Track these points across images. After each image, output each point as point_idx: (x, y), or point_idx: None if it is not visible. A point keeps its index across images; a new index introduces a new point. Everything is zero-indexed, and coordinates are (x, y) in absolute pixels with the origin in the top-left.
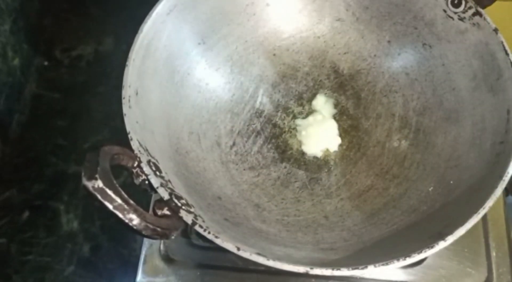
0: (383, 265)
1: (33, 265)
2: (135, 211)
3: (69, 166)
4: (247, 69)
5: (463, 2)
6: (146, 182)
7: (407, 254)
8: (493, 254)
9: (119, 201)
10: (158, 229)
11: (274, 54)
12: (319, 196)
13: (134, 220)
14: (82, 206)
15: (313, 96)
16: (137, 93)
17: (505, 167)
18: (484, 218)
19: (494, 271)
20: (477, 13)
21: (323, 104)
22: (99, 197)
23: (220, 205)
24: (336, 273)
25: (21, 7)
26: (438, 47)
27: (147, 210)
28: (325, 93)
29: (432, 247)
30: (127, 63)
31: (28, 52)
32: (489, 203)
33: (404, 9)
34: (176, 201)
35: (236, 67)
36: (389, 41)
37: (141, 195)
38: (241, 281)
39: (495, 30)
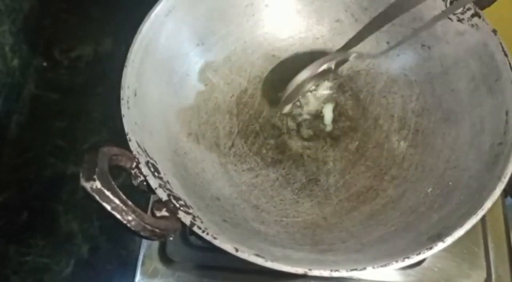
0: (381, 266)
1: (31, 266)
2: (134, 212)
3: (68, 166)
4: (246, 70)
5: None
6: (145, 183)
7: (406, 255)
8: (492, 255)
9: (117, 202)
10: (157, 230)
11: (273, 55)
12: (317, 197)
13: (132, 221)
14: (81, 207)
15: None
16: (135, 94)
17: (504, 168)
18: (483, 219)
19: (493, 272)
20: (476, 14)
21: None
22: (97, 198)
23: (218, 206)
24: (335, 274)
25: (20, 7)
26: (437, 48)
27: (146, 211)
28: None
29: (430, 248)
30: (125, 64)
31: (27, 53)
32: (488, 204)
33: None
34: (174, 202)
35: (235, 68)
36: (388, 42)
37: (139, 196)
38: None
39: (494, 31)
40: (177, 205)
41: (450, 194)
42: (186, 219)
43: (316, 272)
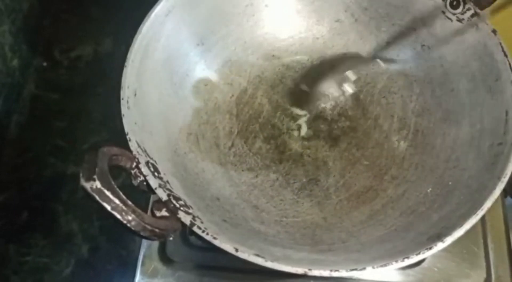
0: (381, 266)
1: (31, 266)
2: (133, 212)
3: (68, 166)
4: (246, 70)
5: (462, 4)
6: (145, 183)
7: (406, 255)
8: (492, 255)
9: (117, 202)
10: (156, 230)
11: (273, 55)
12: (317, 197)
13: (132, 221)
14: (81, 207)
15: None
16: (135, 94)
17: (504, 168)
18: (483, 219)
19: (492, 272)
20: (475, 14)
21: None
22: (97, 198)
23: (218, 206)
24: (335, 274)
25: (20, 7)
26: (437, 48)
27: (146, 211)
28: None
29: (430, 248)
30: (125, 64)
31: (27, 53)
32: (488, 204)
33: (402, 10)
34: (174, 202)
35: (235, 68)
36: (388, 43)
37: (139, 196)
38: None
39: (494, 31)
40: (177, 205)
41: (450, 194)
42: (186, 219)
43: (316, 272)
